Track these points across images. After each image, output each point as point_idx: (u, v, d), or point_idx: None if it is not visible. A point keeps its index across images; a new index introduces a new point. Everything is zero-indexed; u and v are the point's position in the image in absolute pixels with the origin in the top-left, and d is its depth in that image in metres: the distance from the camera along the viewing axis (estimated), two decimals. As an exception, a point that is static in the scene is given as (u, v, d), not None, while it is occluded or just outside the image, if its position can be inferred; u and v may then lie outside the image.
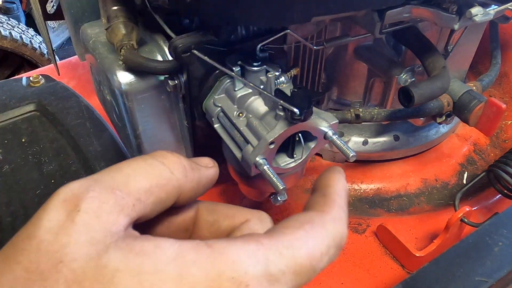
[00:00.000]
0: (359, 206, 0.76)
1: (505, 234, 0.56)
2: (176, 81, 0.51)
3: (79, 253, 0.26)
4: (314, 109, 0.44)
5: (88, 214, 0.27)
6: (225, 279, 0.27)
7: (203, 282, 0.26)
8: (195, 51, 0.46)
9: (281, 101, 0.41)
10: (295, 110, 0.40)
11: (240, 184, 0.55)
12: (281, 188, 0.40)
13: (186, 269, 0.27)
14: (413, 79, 0.69)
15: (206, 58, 0.46)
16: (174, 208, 0.36)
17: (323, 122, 0.45)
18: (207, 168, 0.35)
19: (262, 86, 0.47)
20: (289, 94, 0.43)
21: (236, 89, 0.49)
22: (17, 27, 1.86)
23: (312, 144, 0.47)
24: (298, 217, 0.33)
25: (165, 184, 0.31)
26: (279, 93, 0.43)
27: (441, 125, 0.83)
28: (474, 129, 0.68)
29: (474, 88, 0.69)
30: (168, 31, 0.49)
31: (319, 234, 0.32)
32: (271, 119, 0.44)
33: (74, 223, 0.26)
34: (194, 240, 0.29)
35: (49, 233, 0.26)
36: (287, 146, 0.47)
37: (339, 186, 0.36)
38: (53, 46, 2.59)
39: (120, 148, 0.59)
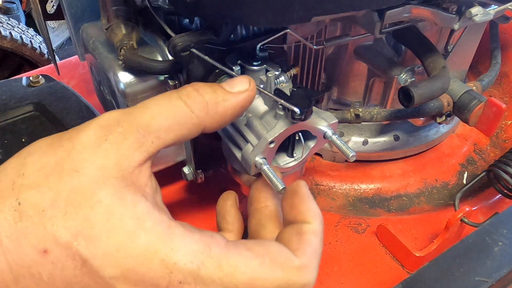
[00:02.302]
0: (359, 206, 0.76)
1: (505, 234, 0.56)
2: (176, 81, 0.51)
3: (88, 172, 0.31)
4: (314, 108, 0.44)
5: (111, 145, 0.33)
6: (157, 258, 0.31)
7: (140, 250, 0.30)
8: (194, 50, 0.46)
9: (282, 101, 0.41)
10: (296, 109, 0.40)
11: (240, 184, 0.55)
12: (281, 188, 0.40)
13: (136, 233, 0.31)
14: (413, 79, 0.69)
15: (206, 57, 0.46)
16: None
17: (322, 122, 0.45)
18: (237, 95, 0.38)
19: (262, 86, 0.47)
20: (288, 93, 0.43)
21: (236, 89, 0.49)
22: (17, 27, 1.86)
23: (311, 144, 0.47)
24: (268, 245, 0.35)
25: (185, 123, 0.35)
26: (279, 92, 0.43)
27: (441, 125, 0.83)
28: (474, 129, 0.68)
29: (474, 88, 0.69)
30: (169, 30, 0.49)
31: (274, 273, 0.33)
32: (271, 119, 0.44)
33: (98, 148, 0.32)
34: (181, 222, 0.34)
35: (81, 145, 0.32)
36: (287, 145, 0.47)
37: (316, 223, 0.38)
38: (53, 46, 2.59)
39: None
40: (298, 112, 0.40)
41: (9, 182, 0.31)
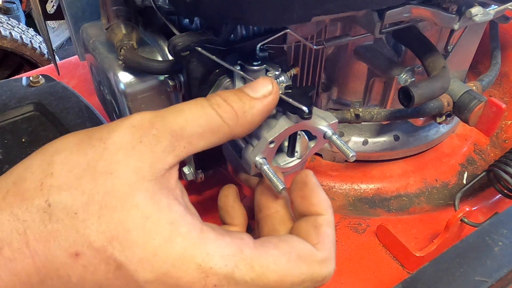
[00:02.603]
0: (359, 206, 0.76)
1: (505, 234, 0.56)
2: (176, 81, 0.51)
3: (123, 175, 0.31)
4: (314, 108, 0.44)
5: (145, 147, 0.32)
6: (193, 263, 0.31)
7: (176, 255, 0.31)
8: (198, 48, 0.46)
9: (290, 100, 0.41)
10: (305, 108, 0.40)
11: (240, 184, 0.55)
12: (281, 188, 0.40)
13: (172, 237, 0.31)
14: (413, 79, 0.69)
15: (210, 55, 0.46)
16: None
17: (323, 122, 0.45)
18: (263, 99, 0.38)
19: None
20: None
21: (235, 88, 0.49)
22: (17, 27, 1.86)
23: (311, 144, 0.47)
24: (292, 241, 0.36)
25: (217, 131, 0.36)
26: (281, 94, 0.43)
27: (441, 125, 0.83)
28: (474, 129, 0.68)
29: (474, 88, 0.69)
30: (174, 29, 0.49)
31: (300, 268, 0.35)
32: (271, 118, 0.44)
33: (132, 150, 0.32)
34: (209, 223, 0.34)
35: (113, 145, 0.32)
36: (287, 145, 0.47)
37: (329, 213, 0.40)
38: (53, 46, 2.59)
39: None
40: (307, 110, 0.40)
41: (37, 181, 0.30)
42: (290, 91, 0.43)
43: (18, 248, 0.29)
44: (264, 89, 0.39)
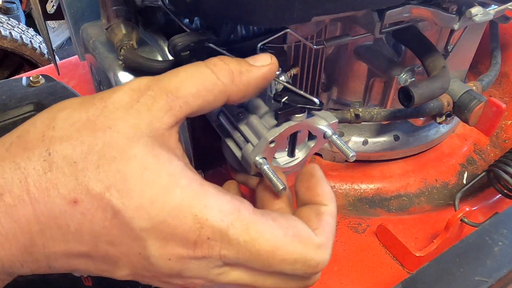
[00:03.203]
0: (359, 206, 0.76)
1: (505, 234, 0.56)
2: (176, 81, 0.51)
3: (122, 129, 0.32)
4: (314, 108, 0.44)
5: (142, 106, 0.34)
6: (190, 213, 0.31)
7: (174, 204, 0.31)
8: (211, 45, 0.46)
9: (302, 92, 0.41)
10: (316, 100, 0.40)
11: (240, 184, 0.55)
12: (281, 188, 0.40)
13: (170, 188, 0.31)
14: (413, 79, 0.69)
15: (224, 51, 0.46)
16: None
17: (323, 122, 0.45)
18: (260, 67, 0.39)
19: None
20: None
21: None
22: (17, 27, 1.86)
23: (311, 144, 0.47)
24: (292, 220, 0.37)
25: (212, 89, 0.37)
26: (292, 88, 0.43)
27: (441, 125, 0.83)
28: (474, 129, 0.68)
29: (474, 88, 0.69)
30: (184, 27, 0.49)
31: (295, 246, 0.35)
32: (271, 118, 0.45)
33: (130, 108, 0.33)
34: (209, 183, 0.34)
35: (113, 104, 0.33)
36: (287, 145, 0.47)
37: (332, 205, 0.40)
38: (53, 46, 2.59)
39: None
40: (318, 102, 0.40)
41: (39, 133, 0.32)
42: (287, 97, 0.43)
43: (18, 195, 0.30)
44: (264, 60, 0.40)
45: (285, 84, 0.43)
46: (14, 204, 0.29)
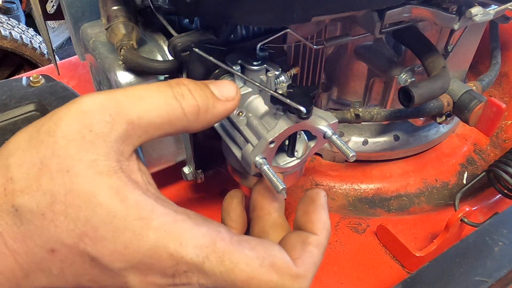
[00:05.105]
0: (359, 206, 0.76)
1: (505, 234, 0.56)
2: (176, 81, 0.51)
3: (79, 171, 0.30)
4: (314, 108, 0.44)
5: (97, 135, 0.31)
6: (166, 252, 0.31)
7: (149, 246, 0.31)
8: (195, 49, 0.46)
9: (288, 100, 0.41)
10: (302, 108, 0.40)
11: (240, 184, 0.55)
12: (281, 188, 0.40)
13: (143, 232, 0.31)
14: (413, 79, 0.69)
15: (207, 56, 0.46)
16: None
17: (323, 122, 0.45)
18: (225, 103, 0.38)
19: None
20: (285, 93, 0.43)
21: (236, 89, 0.48)
22: (17, 27, 1.86)
23: (311, 144, 0.47)
24: (271, 249, 0.36)
25: (175, 124, 0.35)
26: (279, 94, 0.43)
27: (441, 125, 0.83)
28: (474, 129, 0.68)
29: (474, 88, 0.69)
30: (171, 30, 0.49)
31: (270, 276, 0.35)
32: (271, 119, 0.45)
33: (83, 140, 0.31)
34: (185, 210, 0.34)
35: (63, 139, 0.30)
36: (287, 145, 0.47)
37: (323, 235, 0.39)
38: (53, 46, 2.59)
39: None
40: (305, 111, 0.40)
41: (0, 187, 0.31)
42: (292, 90, 0.43)
43: None
44: (229, 93, 0.38)
45: (272, 92, 0.42)
46: None
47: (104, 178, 0.31)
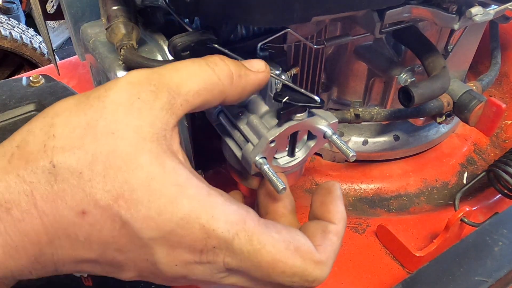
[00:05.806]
0: (359, 206, 0.76)
1: (505, 234, 0.56)
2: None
3: (125, 134, 0.31)
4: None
5: (144, 103, 0.32)
6: (198, 223, 0.32)
7: (182, 215, 0.31)
8: (216, 45, 0.46)
9: (302, 90, 0.41)
10: (316, 98, 0.40)
11: (240, 184, 0.55)
12: (281, 188, 0.40)
13: (178, 199, 0.31)
14: (413, 79, 0.69)
15: (226, 51, 0.45)
16: None
17: (323, 121, 0.45)
18: (256, 73, 0.40)
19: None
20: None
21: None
22: (17, 27, 1.86)
23: (311, 143, 0.47)
24: (296, 234, 0.37)
25: (212, 89, 0.36)
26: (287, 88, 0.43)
27: (441, 125, 0.83)
28: (474, 129, 0.68)
29: (474, 88, 0.69)
30: (186, 27, 0.49)
31: (295, 260, 0.35)
32: (271, 118, 0.45)
33: (131, 106, 0.32)
34: (216, 188, 0.35)
35: (112, 104, 0.32)
36: (287, 145, 0.47)
37: (341, 225, 0.40)
38: (53, 46, 2.59)
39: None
40: (319, 100, 0.40)
41: (40, 144, 0.31)
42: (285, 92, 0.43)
43: (26, 209, 0.30)
44: (259, 66, 0.40)
45: (286, 82, 0.43)
46: (22, 218, 0.29)
47: (146, 143, 0.32)
